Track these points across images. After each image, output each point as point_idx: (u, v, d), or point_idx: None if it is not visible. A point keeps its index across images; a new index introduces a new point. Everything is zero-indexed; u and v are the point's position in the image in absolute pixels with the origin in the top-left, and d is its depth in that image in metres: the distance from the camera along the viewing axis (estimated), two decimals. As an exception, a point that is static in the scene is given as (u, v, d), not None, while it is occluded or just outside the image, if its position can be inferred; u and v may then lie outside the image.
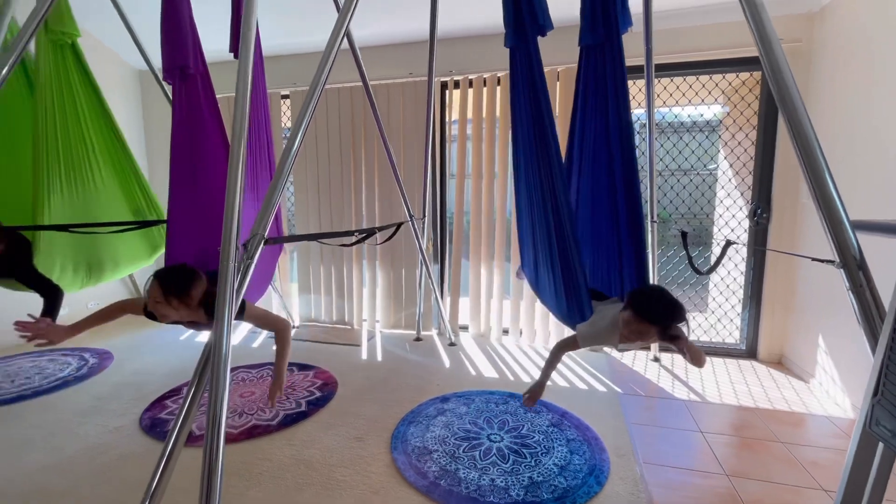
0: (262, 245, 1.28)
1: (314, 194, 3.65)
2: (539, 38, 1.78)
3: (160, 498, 1.19)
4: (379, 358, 3.06)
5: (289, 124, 3.73)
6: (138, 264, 2.70)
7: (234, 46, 2.11)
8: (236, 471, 1.77)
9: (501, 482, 1.69)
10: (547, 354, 1.84)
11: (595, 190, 1.85)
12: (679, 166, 3.35)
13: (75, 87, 2.41)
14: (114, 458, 1.87)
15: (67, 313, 3.53)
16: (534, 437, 2.01)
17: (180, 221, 1.99)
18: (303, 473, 1.76)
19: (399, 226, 2.48)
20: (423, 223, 3.24)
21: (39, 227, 2.16)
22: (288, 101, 3.67)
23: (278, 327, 1.75)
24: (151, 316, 1.64)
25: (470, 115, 3.28)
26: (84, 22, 3.45)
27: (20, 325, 1.59)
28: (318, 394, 2.46)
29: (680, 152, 3.36)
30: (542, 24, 1.79)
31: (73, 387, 2.58)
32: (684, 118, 4.34)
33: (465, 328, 3.58)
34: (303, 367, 2.85)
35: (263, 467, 1.81)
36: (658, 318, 1.51)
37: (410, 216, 3.01)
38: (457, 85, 3.31)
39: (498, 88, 3.21)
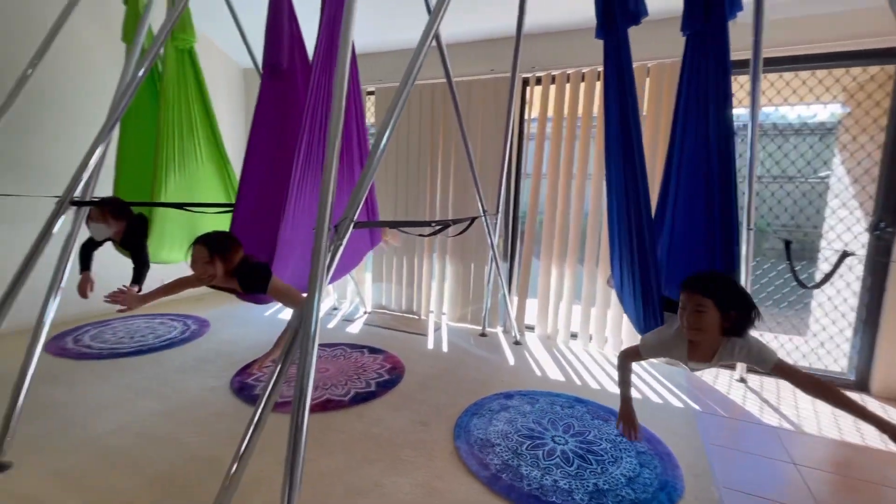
0: (351, 228, 1.37)
1: (392, 185, 3.79)
2: (635, 27, 1.70)
3: (249, 456, 1.31)
4: (444, 349, 3.12)
5: (372, 119, 3.90)
6: None
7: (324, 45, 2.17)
8: (311, 439, 1.90)
9: (565, 484, 1.65)
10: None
11: (691, 192, 1.74)
12: (783, 171, 3.03)
13: (190, 85, 2.78)
14: (209, 413, 2.09)
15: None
16: (600, 444, 1.94)
17: (245, 209, 2.15)
18: (371, 449, 1.86)
19: (473, 220, 2.50)
20: (496, 219, 3.24)
21: (158, 204, 2.51)
22: (373, 98, 3.84)
23: (301, 305, 1.85)
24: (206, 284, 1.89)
25: (550, 112, 3.22)
26: (200, 24, 3.87)
27: (110, 297, 1.85)
28: (386, 376, 2.57)
29: (786, 156, 3.04)
30: (633, 10, 1.71)
31: (178, 347, 2.92)
32: (792, 119, 3.91)
33: (531, 328, 3.53)
34: (373, 351, 2.98)
35: (336, 438, 1.93)
36: (705, 287, 1.39)
37: (484, 211, 3.02)
38: (538, 81, 3.26)
39: (581, 85, 3.11)
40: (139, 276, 2.43)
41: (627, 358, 1.71)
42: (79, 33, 3.14)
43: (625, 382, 1.71)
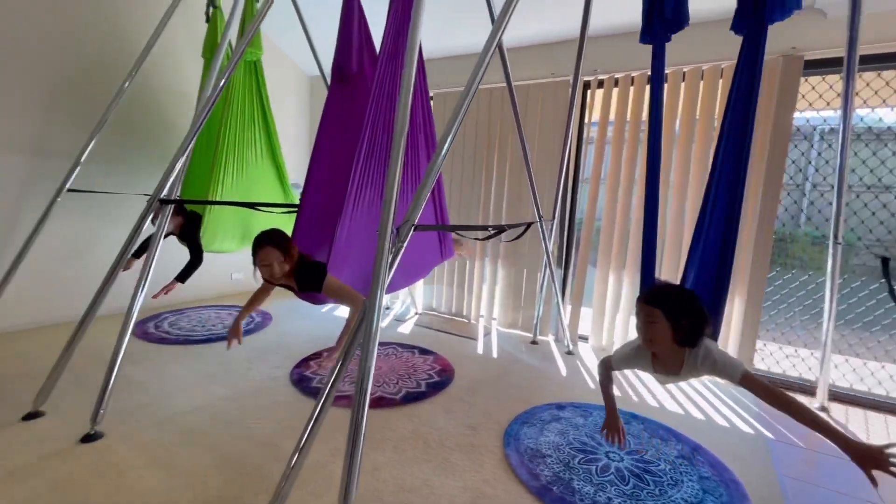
0: (412, 231, 1.40)
1: (446, 188, 3.83)
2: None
3: (309, 447, 1.37)
4: (494, 354, 3.10)
5: (429, 124, 3.96)
6: None
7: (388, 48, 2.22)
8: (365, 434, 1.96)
9: (620, 503, 1.59)
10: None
11: (719, 200, 1.70)
12: (879, 180, 2.72)
13: (254, 95, 3.01)
14: (271, 402, 2.22)
15: (242, 277, 4.27)
16: (659, 465, 1.84)
17: (309, 211, 2.23)
18: (421, 449, 1.88)
19: (529, 225, 2.47)
20: (552, 225, 3.18)
21: (226, 203, 2.73)
22: (431, 103, 3.90)
23: (356, 303, 1.90)
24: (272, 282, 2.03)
25: (612, 116, 3.12)
26: (272, 35, 4.12)
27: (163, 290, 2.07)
28: (436, 378, 2.59)
29: (882, 163, 2.74)
30: (670, 17, 1.71)
31: (245, 337, 3.11)
32: (890, 122, 3.52)
33: (584, 338, 3.43)
34: (423, 352, 3.02)
35: (387, 435, 1.97)
36: (653, 297, 1.42)
37: (539, 217, 2.98)
38: (600, 84, 3.17)
39: (647, 88, 2.99)
40: (187, 272, 2.77)
41: (606, 368, 1.76)
42: (166, 50, 3.45)
43: (608, 396, 1.74)
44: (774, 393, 1.31)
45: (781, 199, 2.67)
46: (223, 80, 2.13)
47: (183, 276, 2.84)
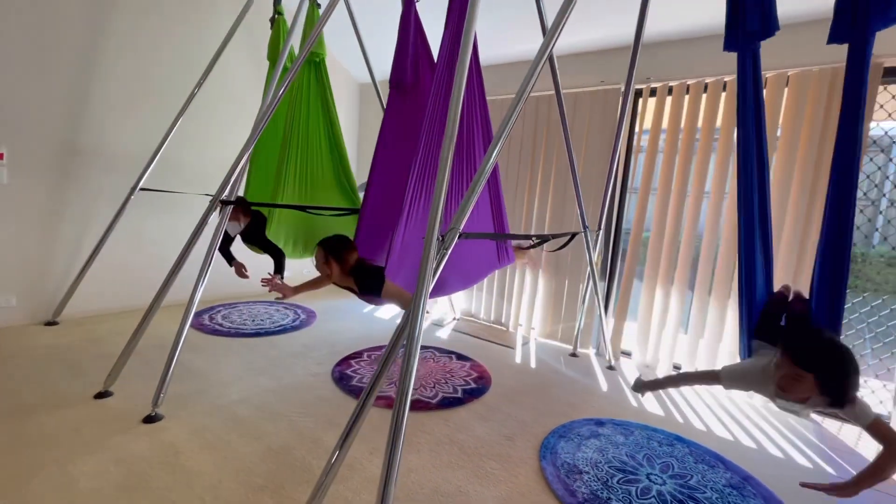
0: (456, 238, 1.42)
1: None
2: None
3: (349, 447, 1.41)
4: (532, 364, 3.06)
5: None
6: None
7: (445, 57, 2.26)
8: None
9: (661, 530, 1.52)
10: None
11: (829, 212, 1.57)
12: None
13: (317, 95, 3.05)
14: (314, 397, 2.30)
15: (290, 275, 4.44)
16: (705, 492, 1.75)
17: (370, 217, 2.28)
18: (456, 454, 1.89)
19: (574, 235, 2.44)
20: (598, 236, 3.11)
21: (276, 205, 2.76)
22: (477, 109, 3.92)
23: (404, 298, 1.97)
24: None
25: (665, 125, 3.01)
26: (326, 41, 4.29)
27: (265, 280, 2.18)
28: (473, 385, 2.59)
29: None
30: (755, 29, 1.60)
31: (290, 333, 3.25)
32: None
33: (627, 354, 3.31)
34: (460, 357, 3.03)
35: (422, 439, 2.00)
36: (809, 361, 1.24)
37: (585, 227, 2.92)
38: (653, 93, 3.07)
39: (703, 96, 2.87)
40: (279, 265, 2.80)
41: (704, 378, 1.64)
42: (230, 58, 3.67)
43: (677, 382, 1.72)
44: None
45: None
46: (287, 81, 2.25)
47: (278, 270, 2.85)
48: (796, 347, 1.29)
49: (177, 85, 3.40)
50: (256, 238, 2.89)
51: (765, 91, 2.63)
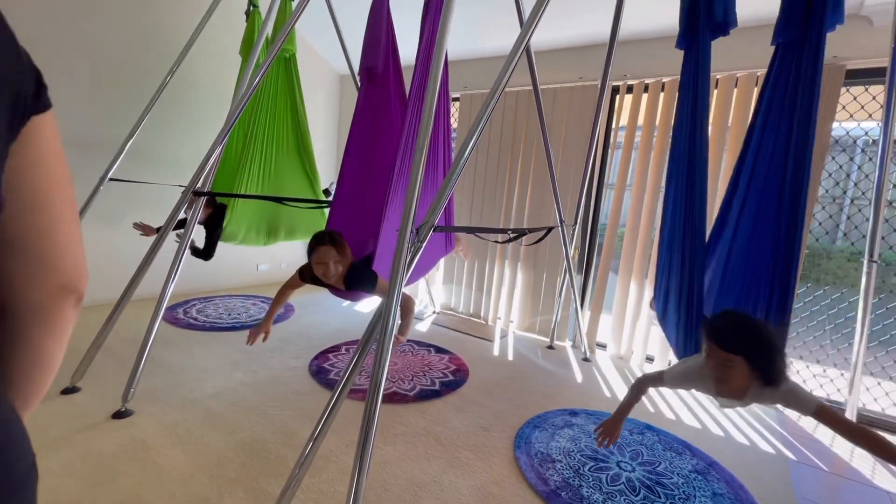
0: (431, 231, 1.43)
1: (468, 190, 3.85)
2: (723, 38, 1.64)
3: (322, 438, 1.41)
4: (510, 357, 3.10)
5: (455, 125, 3.99)
6: (303, 236, 3.29)
7: (424, 50, 2.28)
8: (377, 427, 2.00)
9: (629, 514, 1.57)
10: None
11: (759, 213, 1.65)
12: (923, 196, 2.59)
13: (286, 90, 3.07)
14: (290, 391, 2.29)
15: (266, 269, 4.39)
16: (672, 478, 1.81)
17: (342, 208, 2.27)
18: (432, 445, 1.91)
19: (549, 230, 2.46)
20: (574, 230, 3.16)
21: (248, 196, 2.80)
22: (457, 104, 3.93)
23: (403, 300, 1.87)
24: (309, 280, 2.00)
25: (640, 121, 3.07)
26: (305, 32, 4.23)
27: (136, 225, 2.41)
28: (450, 377, 2.62)
29: (927, 178, 2.60)
30: (720, 21, 1.66)
31: (267, 327, 3.22)
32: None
33: (602, 346, 3.39)
34: (439, 350, 3.05)
35: (399, 430, 2.01)
36: (732, 341, 1.27)
37: (561, 221, 2.96)
38: (629, 90, 3.13)
39: (677, 94, 2.93)
40: (196, 248, 2.86)
41: (647, 383, 1.61)
42: (205, 47, 3.58)
43: (628, 407, 1.60)
44: (854, 427, 1.23)
45: (815, 213, 2.58)
46: (259, 76, 2.21)
47: (197, 252, 2.88)
48: (717, 329, 1.31)
49: (149, 73, 3.30)
50: (210, 228, 2.91)
51: (715, 91, 2.74)
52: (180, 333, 2.95)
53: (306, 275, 2.00)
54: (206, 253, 2.93)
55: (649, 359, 3.12)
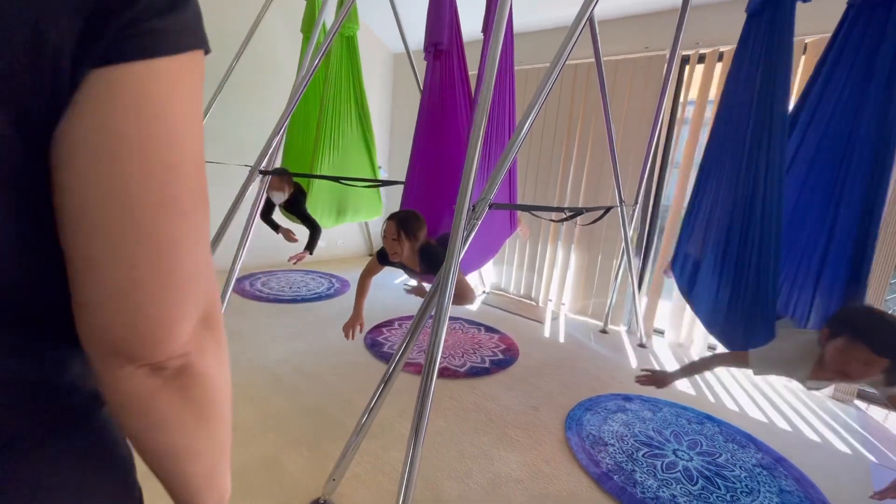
0: (486, 209, 1.42)
1: (522, 167, 3.77)
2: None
3: (378, 408, 1.47)
4: (561, 339, 3.06)
5: (509, 101, 3.89)
6: (369, 215, 3.35)
7: (485, 26, 2.26)
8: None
9: (685, 502, 1.53)
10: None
11: (812, 180, 1.49)
12: None
13: (350, 70, 3.09)
14: (346, 361, 2.41)
15: (323, 245, 4.57)
16: (733, 470, 1.73)
17: (416, 185, 2.31)
18: (482, 421, 1.94)
19: (608, 210, 2.37)
20: (634, 211, 3.01)
21: (318, 176, 2.86)
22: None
23: (460, 286, 1.80)
24: (384, 262, 2.03)
25: (712, 95, 2.84)
26: (360, 12, 4.25)
27: (292, 258, 2.40)
28: (500, 356, 2.63)
29: None
30: None
31: (324, 301, 3.38)
32: None
33: (660, 332, 3.25)
34: (489, 329, 3.07)
35: (449, 404, 2.06)
36: (888, 344, 1.18)
37: (621, 201, 2.84)
38: (701, 59, 2.89)
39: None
40: (313, 240, 2.89)
41: (722, 361, 1.59)
42: (267, 30, 3.70)
43: (689, 371, 1.63)
44: None
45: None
46: (320, 55, 2.26)
47: (310, 247, 2.93)
48: (872, 330, 1.22)
49: (215, 57, 3.47)
50: (296, 209, 2.99)
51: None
52: (247, 304, 3.17)
53: (383, 257, 2.03)
54: (314, 226, 2.93)
55: (711, 347, 2.96)
